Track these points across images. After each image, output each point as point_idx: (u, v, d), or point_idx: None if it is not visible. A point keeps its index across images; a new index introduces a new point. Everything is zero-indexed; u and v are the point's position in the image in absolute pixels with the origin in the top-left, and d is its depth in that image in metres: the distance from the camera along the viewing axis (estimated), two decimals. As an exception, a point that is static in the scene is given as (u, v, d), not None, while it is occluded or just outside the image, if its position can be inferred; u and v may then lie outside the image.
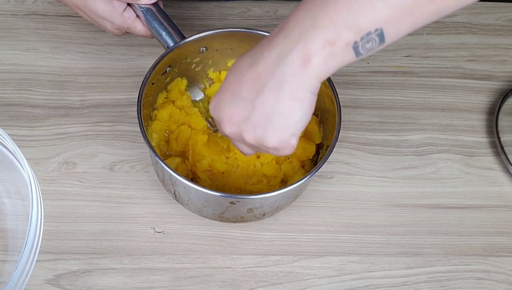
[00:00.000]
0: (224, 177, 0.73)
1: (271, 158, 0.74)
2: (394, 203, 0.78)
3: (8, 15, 0.87)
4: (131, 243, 0.73)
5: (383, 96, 0.86)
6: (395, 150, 0.82)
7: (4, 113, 0.79)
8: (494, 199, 0.80)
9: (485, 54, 0.91)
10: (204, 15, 0.90)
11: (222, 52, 0.77)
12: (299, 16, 0.52)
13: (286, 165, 0.74)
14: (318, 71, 0.51)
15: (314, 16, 0.50)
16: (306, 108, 0.53)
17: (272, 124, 0.53)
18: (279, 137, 0.54)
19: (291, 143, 0.55)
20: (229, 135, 0.57)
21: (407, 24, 0.51)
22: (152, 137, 0.74)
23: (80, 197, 0.75)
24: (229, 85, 0.56)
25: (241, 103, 0.54)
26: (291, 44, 0.51)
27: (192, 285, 0.71)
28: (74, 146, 0.78)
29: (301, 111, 0.53)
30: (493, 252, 0.76)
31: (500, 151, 0.81)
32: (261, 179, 0.74)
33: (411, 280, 0.74)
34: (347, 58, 0.51)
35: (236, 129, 0.56)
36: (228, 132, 0.57)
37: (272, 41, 0.53)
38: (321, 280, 0.73)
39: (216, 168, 0.73)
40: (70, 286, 0.70)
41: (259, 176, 0.74)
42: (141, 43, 0.86)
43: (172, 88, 0.77)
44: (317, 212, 0.77)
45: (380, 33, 0.51)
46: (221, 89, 0.57)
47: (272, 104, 0.53)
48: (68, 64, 0.84)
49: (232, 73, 0.56)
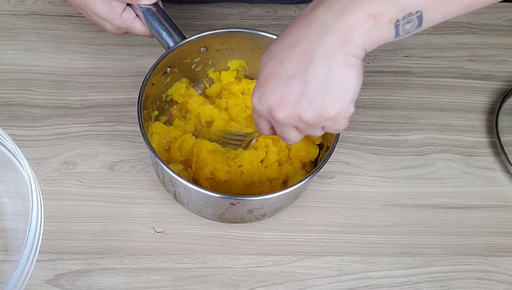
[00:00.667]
0: (226, 184, 0.73)
1: (274, 160, 0.74)
2: (394, 203, 0.78)
3: (8, 15, 0.87)
4: (131, 243, 0.73)
5: (383, 96, 0.86)
6: (395, 150, 0.82)
7: (4, 113, 0.79)
8: (494, 199, 0.80)
9: (485, 54, 0.91)
10: (204, 15, 0.90)
11: (222, 52, 0.77)
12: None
13: (287, 166, 0.74)
14: (363, 41, 0.52)
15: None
16: (360, 72, 0.53)
17: (329, 93, 0.52)
18: (339, 104, 0.53)
19: (350, 110, 0.54)
20: (283, 121, 0.55)
21: (442, 12, 0.54)
22: (152, 137, 0.74)
23: (80, 197, 0.75)
24: (270, 70, 0.54)
25: (290, 82, 0.53)
26: (335, 16, 0.51)
27: (192, 285, 0.71)
28: (74, 146, 0.78)
29: (356, 75, 0.53)
30: (493, 252, 0.76)
31: (500, 151, 0.81)
32: (264, 182, 0.74)
33: (411, 280, 0.74)
34: (388, 35, 0.52)
35: (290, 110, 0.54)
36: (282, 116, 0.55)
37: (311, 15, 0.53)
38: (321, 280, 0.73)
39: (217, 177, 0.72)
40: (70, 286, 0.70)
41: (262, 180, 0.74)
42: (141, 43, 0.86)
43: (173, 93, 0.77)
44: (317, 212, 0.77)
45: (420, 15, 0.52)
46: (262, 78, 0.56)
47: (325, 74, 0.52)
48: (68, 64, 0.84)
49: (271, 59, 0.55)
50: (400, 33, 0.52)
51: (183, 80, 0.78)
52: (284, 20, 0.91)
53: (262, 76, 0.56)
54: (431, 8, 0.53)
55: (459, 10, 0.55)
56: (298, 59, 0.53)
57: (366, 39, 0.51)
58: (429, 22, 0.54)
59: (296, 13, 0.91)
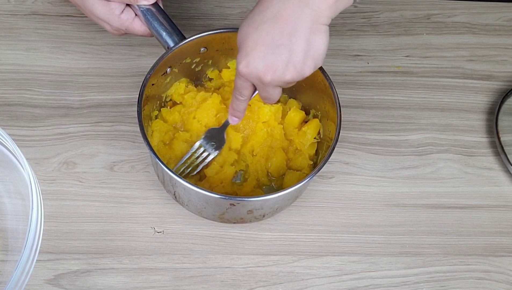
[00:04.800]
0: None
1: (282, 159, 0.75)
2: (394, 203, 0.78)
3: (8, 15, 0.87)
4: (131, 243, 0.73)
5: (383, 96, 0.86)
6: (395, 150, 0.82)
7: (4, 113, 0.80)
8: (493, 199, 0.80)
9: (485, 54, 0.91)
10: (204, 15, 0.90)
11: (222, 52, 0.77)
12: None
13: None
14: (331, 11, 0.61)
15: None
16: (328, 37, 0.62)
17: (309, 57, 0.61)
18: (314, 64, 0.62)
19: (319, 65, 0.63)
20: (270, 83, 0.63)
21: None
22: (153, 136, 0.74)
23: (80, 197, 0.75)
24: (257, 39, 0.61)
25: (278, 50, 0.61)
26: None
27: (192, 285, 0.71)
28: (74, 146, 0.78)
29: (327, 40, 0.62)
30: (493, 252, 0.76)
31: (500, 151, 0.81)
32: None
33: (411, 280, 0.74)
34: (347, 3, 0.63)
35: (278, 74, 0.62)
36: (270, 80, 0.62)
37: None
38: (321, 280, 0.73)
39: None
40: (70, 286, 0.70)
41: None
42: (141, 43, 0.86)
43: (172, 93, 0.77)
44: (317, 212, 0.77)
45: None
46: (248, 47, 0.62)
47: (306, 41, 0.61)
48: (68, 64, 0.84)
49: (256, 29, 0.62)
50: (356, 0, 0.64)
51: (183, 80, 0.78)
52: (284, 20, 0.91)
53: (247, 45, 0.62)
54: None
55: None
56: (282, 30, 0.61)
57: (333, 10, 0.61)
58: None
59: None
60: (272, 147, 0.76)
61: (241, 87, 0.66)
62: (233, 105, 0.70)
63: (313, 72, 0.63)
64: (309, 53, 0.61)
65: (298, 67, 0.62)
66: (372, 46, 0.90)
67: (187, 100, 0.77)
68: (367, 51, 0.89)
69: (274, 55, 0.61)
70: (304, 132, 0.76)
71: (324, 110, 0.75)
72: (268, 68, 0.62)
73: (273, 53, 0.61)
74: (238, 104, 0.69)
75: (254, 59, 0.62)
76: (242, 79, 0.65)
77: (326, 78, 0.71)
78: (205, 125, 0.76)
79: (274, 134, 0.76)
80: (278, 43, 0.61)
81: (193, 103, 0.77)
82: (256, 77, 0.63)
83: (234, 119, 0.72)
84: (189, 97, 0.77)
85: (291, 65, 0.61)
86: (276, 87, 0.65)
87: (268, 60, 0.61)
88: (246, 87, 0.66)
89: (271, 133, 0.76)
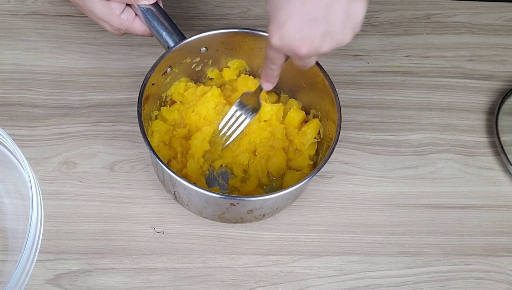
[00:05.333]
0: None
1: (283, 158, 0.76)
2: (394, 203, 0.78)
3: (8, 15, 0.87)
4: (131, 243, 0.73)
5: (383, 96, 0.86)
6: (394, 150, 0.82)
7: (4, 113, 0.80)
8: (493, 199, 0.80)
9: (485, 54, 0.91)
10: (204, 15, 0.90)
11: (222, 52, 0.77)
12: None
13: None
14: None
15: None
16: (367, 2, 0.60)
17: (347, 27, 0.59)
18: (352, 33, 0.60)
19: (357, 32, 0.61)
20: (307, 55, 0.60)
21: None
22: (153, 136, 0.74)
23: (80, 197, 0.75)
24: (292, 11, 0.58)
25: (314, 22, 0.58)
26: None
27: (192, 285, 0.71)
28: (74, 146, 0.78)
29: (365, 8, 0.59)
30: (493, 252, 0.76)
31: (500, 151, 0.81)
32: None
33: (411, 280, 0.74)
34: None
35: (315, 47, 0.59)
36: (306, 52, 0.60)
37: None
38: (321, 280, 0.73)
39: None
40: (70, 286, 0.70)
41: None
42: (141, 43, 0.86)
43: (172, 93, 0.77)
44: (317, 212, 0.77)
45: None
46: (283, 18, 0.59)
47: (345, 11, 0.58)
48: (68, 64, 0.84)
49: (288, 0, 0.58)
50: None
51: (183, 80, 0.78)
52: (284, 20, 0.91)
53: (280, 16, 0.59)
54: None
55: None
56: (318, 2, 0.58)
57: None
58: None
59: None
60: (273, 147, 0.76)
61: (273, 58, 0.64)
62: (266, 72, 0.67)
63: (315, 72, 0.62)
64: (348, 22, 0.59)
65: (337, 37, 0.59)
66: (372, 46, 0.90)
67: (187, 97, 0.77)
68: (367, 51, 0.89)
69: (310, 28, 0.58)
70: (304, 132, 0.76)
71: (324, 110, 0.75)
72: (304, 41, 0.59)
73: (309, 25, 0.58)
74: (270, 72, 0.67)
75: (289, 32, 0.59)
76: (275, 51, 0.62)
77: (326, 78, 0.71)
78: (204, 118, 0.75)
79: (276, 134, 0.76)
80: (315, 14, 0.58)
81: (192, 98, 0.77)
82: (290, 50, 0.60)
83: (267, 84, 0.69)
84: (188, 94, 0.77)
85: (328, 36, 0.59)
86: (311, 58, 0.63)
87: (304, 33, 0.58)
88: (279, 58, 0.64)
89: (273, 132, 0.76)
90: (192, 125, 0.76)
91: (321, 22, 0.58)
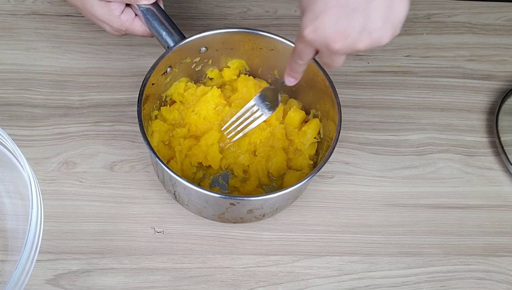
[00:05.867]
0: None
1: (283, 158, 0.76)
2: (394, 203, 0.78)
3: (8, 15, 0.87)
4: (131, 243, 0.73)
5: (383, 96, 0.86)
6: (395, 150, 0.82)
7: (4, 113, 0.79)
8: (494, 199, 0.80)
9: (485, 54, 0.91)
10: (204, 15, 0.90)
11: (222, 52, 0.77)
12: None
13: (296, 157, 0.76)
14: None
15: None
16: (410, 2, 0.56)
17: (387, 24, 0.55)
18: (393, 33, 0.56)
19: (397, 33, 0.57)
20: (339, 51, 0.57)
21: None
22: (153, 136, 0.74)
23: (80, 197, 0.75)
24: (329, 2, 0.55)
25: (352, 14, 0.54)
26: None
27: (192, 285, 0.71)
28: (74, 146, 0.78)
29: (409, 5, 0.56)
30: (493, 252, 0.76)
31: (500, 151, 0.81)
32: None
33: (411, 280, 0.74)
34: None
35: (350, 42, 0.56)
36: (339, 47, 0.56)
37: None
38: (321, 280, 0.73)
39: None
40: (70, 286, 0.70)
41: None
42: (141, 43, 0.86)
43: (172, 93, 0.77)
44: (317, 212, 0.77)
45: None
46: (318, 9, 0.55)
47: (386, 7, 0.55)
48: (68, 64, 0.84)
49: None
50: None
51: (183, 80, 0.78)
52: (284, 20, 0.91)
53: (317, 6, 0.55)
54: None
55: None
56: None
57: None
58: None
59: (297, 13, 0.91)
60: (273, 147, 0.76)
61: (302, 52, 0.60)
62: (292, 66, 0.64)
63: (315, 72, 0.60)
64: (388, 20, 0.55)
65: (375, 35, 0.56)
66: (372, 46, 0.90)
67: (187, 97, 0.77)
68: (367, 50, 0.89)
69: (347, 20, 0.54)
70: (304, 132, 0.76)
71: (324, 110, 0.75)
72: (339, 34, 0.55)
73: (347, 17, 0.54)
74: (296, 67, 0.63)
75: (324, 23, 0.55)
76: (306, 44, 0.58)
77: (326, 78, 0.71)
78: (203, 118, 0.75)
79: (276, 134, 0.76)
80: (354, 6, 0.54)
81: (192, 98, 0.77)
82: (323, 43, 0.56)
83: (290, 79, 0.66)
84: (188, 94, 0.77)
85: (366, 32, 0.55)
86: (342, 55, 0.59)
87: (340, 26, 0.55)
88: (308, 53, 0.60)
89: (273, 132, 0.76)
90: (192, 125, 0.76)
91: (360, 15, 0.54)
